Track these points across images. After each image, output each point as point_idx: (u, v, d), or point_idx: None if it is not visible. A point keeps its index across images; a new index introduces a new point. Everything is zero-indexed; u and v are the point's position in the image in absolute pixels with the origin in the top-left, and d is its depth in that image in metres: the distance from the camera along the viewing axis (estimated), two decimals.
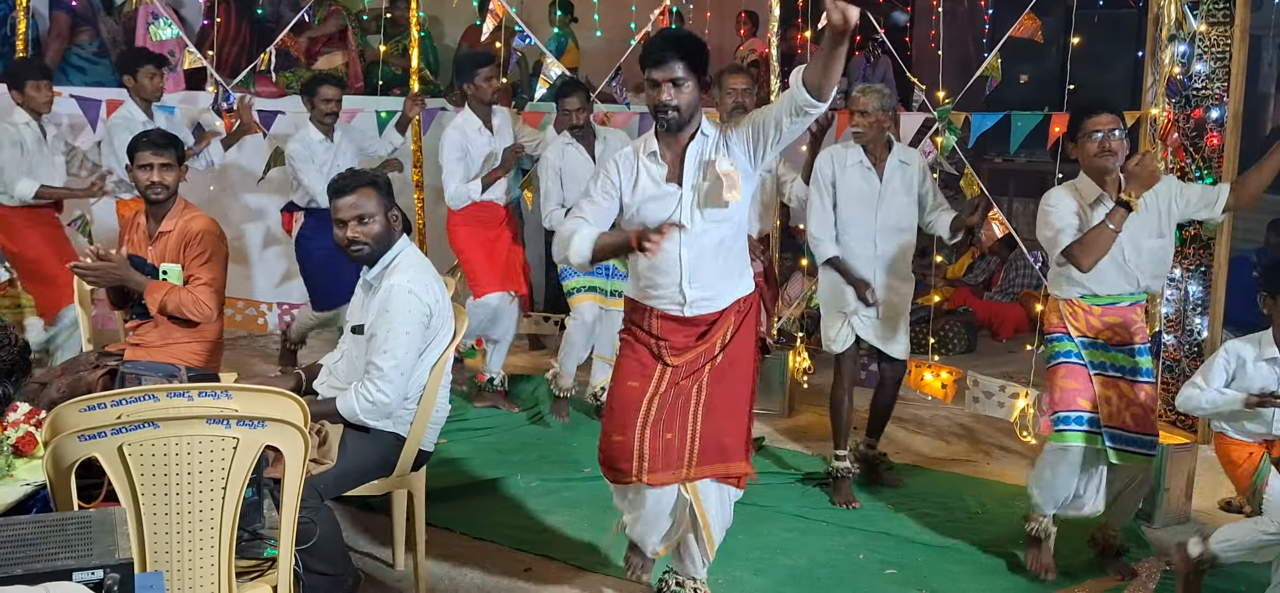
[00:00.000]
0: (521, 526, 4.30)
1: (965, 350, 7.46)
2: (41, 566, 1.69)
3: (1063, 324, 3.84)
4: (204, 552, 2.51)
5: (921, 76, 5.95)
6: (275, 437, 2.54)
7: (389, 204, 3.40)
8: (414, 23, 6.39)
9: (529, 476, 4.80)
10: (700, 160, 3.21)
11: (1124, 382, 3.78)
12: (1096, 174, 3.73)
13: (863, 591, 3.86)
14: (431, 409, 3.46)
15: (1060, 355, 3.86)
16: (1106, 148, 3.67)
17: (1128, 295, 3.80)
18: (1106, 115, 3.69)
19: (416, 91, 6.20)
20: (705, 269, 3.26)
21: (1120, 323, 3.79)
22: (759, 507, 4.48)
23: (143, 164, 3.92)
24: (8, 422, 2.76)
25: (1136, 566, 4.06)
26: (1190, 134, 4.64)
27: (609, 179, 3.28)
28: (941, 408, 5.93)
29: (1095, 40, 6.72)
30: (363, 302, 3.45)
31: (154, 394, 2.55)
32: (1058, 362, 3.87)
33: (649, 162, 3.25)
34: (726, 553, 3.63)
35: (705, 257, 3.25)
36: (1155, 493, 4.51)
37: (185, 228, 3.95)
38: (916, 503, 4.64)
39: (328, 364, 3.62)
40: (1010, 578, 3.97)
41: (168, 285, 3.86)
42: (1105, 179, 3.73)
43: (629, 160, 3.28)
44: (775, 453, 5.24)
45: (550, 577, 3.89)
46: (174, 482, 2.44)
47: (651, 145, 3.25)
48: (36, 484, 2.57)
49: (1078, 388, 3.79)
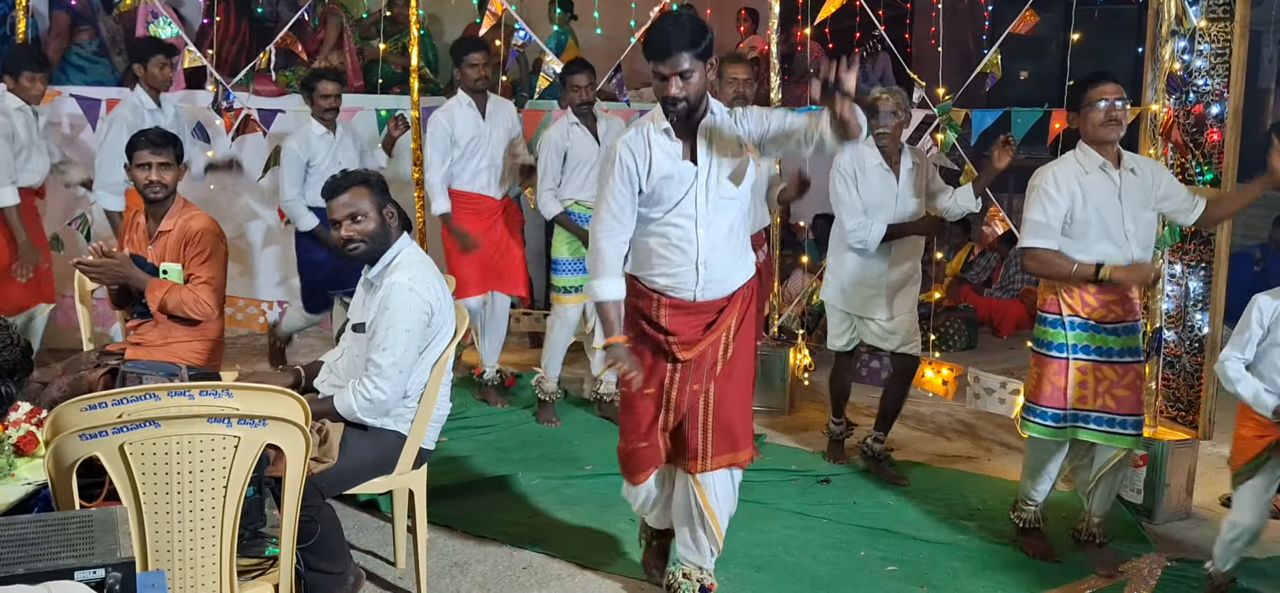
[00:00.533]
0: (522, 523, 4.30)
1: (966, 347, 7.47)
2: (43, 565, 1.69)
3: (1057, 303, 3.85)
4: (205, 550, 2.51)
5: (921, 73, 5.94)
6: (276, 435, 2.55)
7: (383, 201, 3.39)
8: (413, 21, 6.38)
9: (530, 473, 4.80)
10: (710, 136, 3.21)
11: (1110, 365, 3.80)
12: (1098, 144, 3.77)
13: (864, 588, 3.86)
14: (432, 407, 3.46)
15: (1046, 346, 3.88)
16: (1111, 117, 3.72)
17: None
18: (1111, 85, 3.75)
19: (404, 113, 6.05)
20: (718, 252, 3.26)
21: (1115, 298, 3.80)
22: (760, 504, 4.48)
23: (141, 163, 3.91)
24: (9, 421, 2.76)
25: (1137, 562, 4.06)
26: (1190, 130, 4.63)
27: (624, 167, 3.18)
28: (942, 405, 5.93)
29: (1095, 36, 6.72)
30: (364, 300, 3.45)
31: (155, 393, 2.55)
32: (1040, 353, 3.91)
33: (662, 138, 3.20)
34: (728, 551, 3.63)
35: (718, 239, 3.25)
36: (1156, 489, 4.51)
37: (185, 227, 3.94)
38: (917, 500, 4.65)
39: (328, 362, 3.61)
40: (1011, 575, 3.97)
41: (168, 284, 3.86)
42: (1106, 149, 3.77)
43: (640, 142, 3.19)
44: (776, 451, 5.24)
45: (551, 575, 3.89)
46: (175, 480, 2.44)
47: (662, 122, 3.20)
48: (38, 483, 2.57)
49: (1054, 386, 3.83)
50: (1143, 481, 4.54)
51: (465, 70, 5.46)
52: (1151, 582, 3.90)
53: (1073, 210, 3.77)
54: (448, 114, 5.46)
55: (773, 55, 6.14)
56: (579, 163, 5.35)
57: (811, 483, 4.81)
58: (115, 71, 7.32)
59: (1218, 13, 4.54)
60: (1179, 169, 4.68)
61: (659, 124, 3.20)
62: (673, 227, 3.23)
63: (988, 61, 5.43)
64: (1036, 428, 3.91)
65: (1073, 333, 3.81)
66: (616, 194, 3.21)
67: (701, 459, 3.37)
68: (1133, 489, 4.57)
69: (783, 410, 5.85)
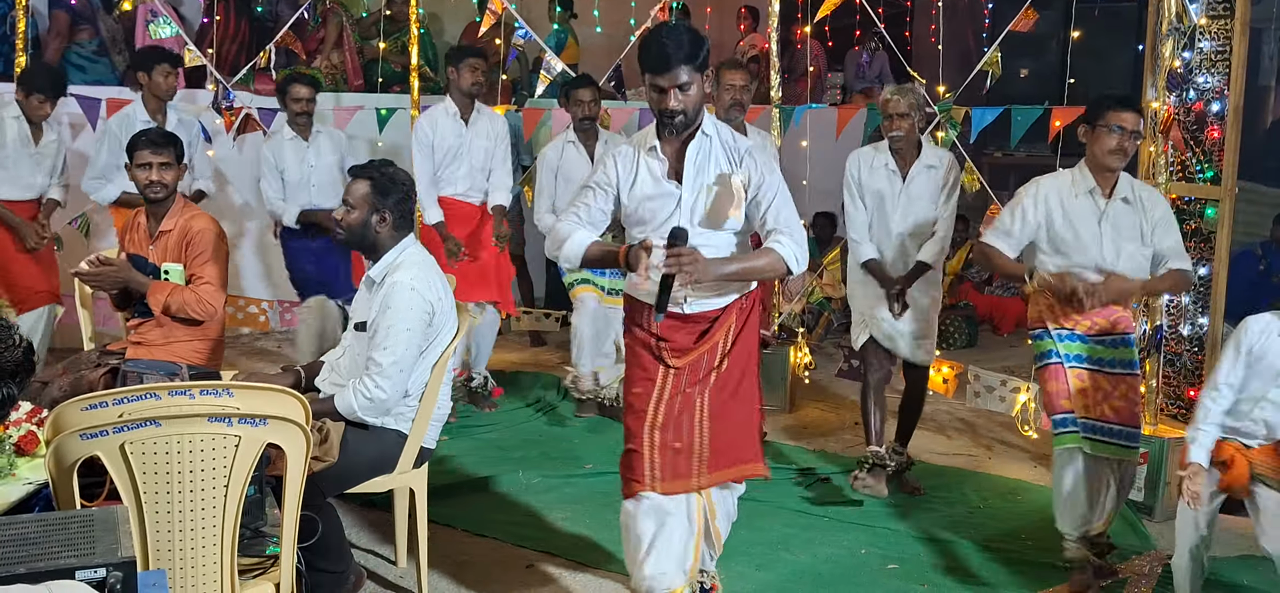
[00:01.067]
0: (523, 523, 4.30)
1: (966, 345, 7.47)
2: (44, 564, 1.69)
3: (1042, 319, 3.83)
4: (206, 550, 2.51)
5: (921, 71, 5.95)
6: (277, 434, 2.55)
7: (381, 202, 3.36)
8: (413, 20, 6.39)
9: (531, 473, 4.80)
10: (699, 160, 3.14)
11: (1104, 375, 3.75)
12: (1099, 168, 3.72)
13: (865, 586, 3.86)
14: (433, 406, 3.46)
15: (1042, 356, 3.85)
16: (1121, 147, 3.66)
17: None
18: (1131, 114, 3.65)
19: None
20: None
21: (1099, 312, 3.77)
22: (761, 502, 4.48)
23: (141, 163, 3.92)
24: (10, 420, 2.76)
25: (1137, 560, 4.06)
26: (1190, 127, 4.64)
27: (606, 175, 3.21)
28: (943, 403, 5.93)
29: (1095, 34, 6.71)
30: (366, 298, 3.45)
31: (156, 393, 2.55)
32: (1040, 366, 3.87)
33: (649, 158, 3.17)
34: (729, 549, 3.63)
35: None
36: (1155, 487, 4.51)
37: (186, 227, 3.95)
38: (918, 498, 4.65)
39: (330, 361, 3.62)
40: (1012, 573, 3.97)
41: (170, 285, 3.86)
42: (1103, 175, 3.72)
43: (628, 157, 3.20)
44: (777, 449, 5.24)
45: (552, 574, 3.89)
46: (176, 480, 2.44)
47: (651, 141, 3.17)
48: (39, 483, 2.58)
49: (1059, 389, 3.77)
50: (1143, 479, 4.54)
51: (462, 72, 5.40)
52: (1152, 580, 3.90)
53: (1049, 225, 3.76)
54: (430, 120, 5.42)
55: (773, 53, 6.15)
56: (568, 182, 5.31)
57: (812, 481, 4.80)
58: (115, 71, 7.32)
59: (1218, 10, 4.54)
60: (1179, 167, 4.69)
61: (647, 143, 3.17)
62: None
63: (988, 59, 5.43)
64: (1070, 439, 3.72)
65: (1064, 343, 3.78)
66: (589, 199, 3.21)
67: (698, 475, 3.26)
68: (1133, 487, 4.57)
69: (783, 409, 5.85)
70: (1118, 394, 3.75)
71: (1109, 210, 3.72)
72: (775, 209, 3.14)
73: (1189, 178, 4.69)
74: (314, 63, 7.82)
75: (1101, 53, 7.53)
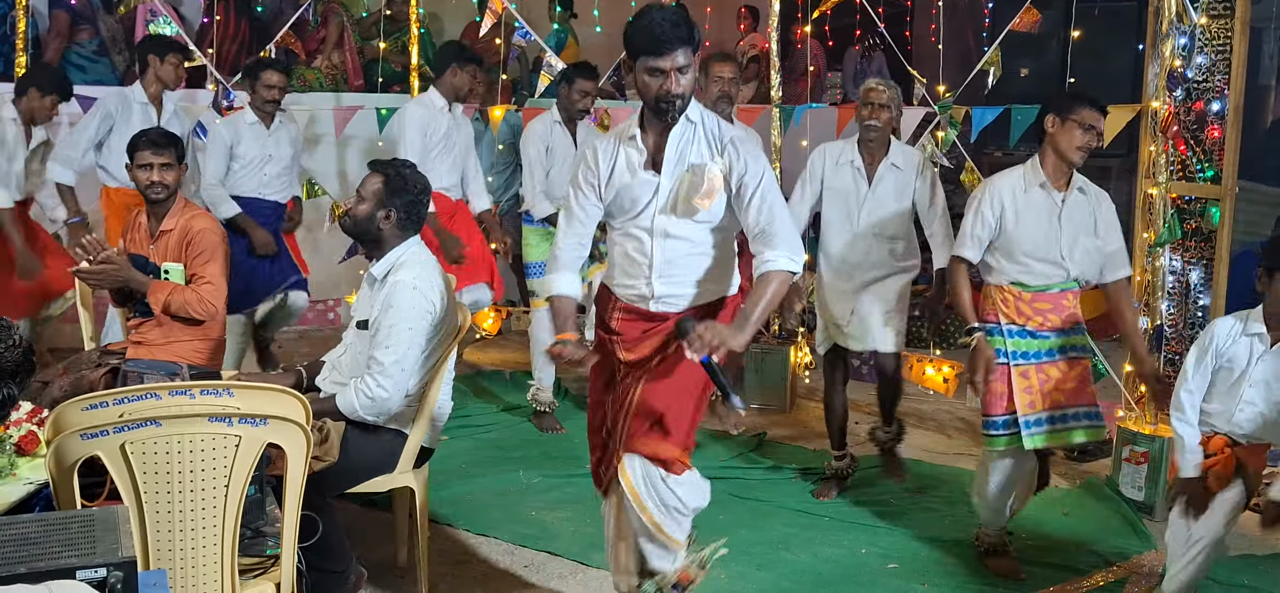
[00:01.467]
0: (523, 522, 4.30)
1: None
2: (45, 564, 1.69)
3: (994, 313, 3.83)
4: (207, 549, 2.51)
5: (922, 70, 5.95)
6: (277, 434, 2.55)
7: (391, 200, 3.37)
8: (414, 19, 6.39)
9: (531, 472, 4.80)
10: (681, 147, 3.05)
11: (1052, 364, 3.76)
12: (1059, 160, 3.72)
13: (865, 586, 3.87)
14: (433, 406, 3.46)
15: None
16: (1087, 145, 3.67)
17: (1058, 284, 3.78)
18: (1100, 115, 3.68)
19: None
20: (678, 268, 3.09)
21: (1051, 308, 3.78)
22: (761, 502, 4.48)
23: (142, 163, 3.92)
24: (10, 420, 2.76)
25: (1137, 559, 4.06)
26: (1191, 126, 4.64)
27: (589, 168, 3.14)
28: (943, 402, 5.93)
29: (1095, 33, 6.70)
30: (368, 297, 3.45)
31: (156, 393, 2.55)
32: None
33: (628, 147, 3.09)
34: (729, 549, 3.61)
35: (679, 256, 3.08)
36: (1155, 485, 4.51)
37: (186, 227, 3.95)
38: (918, 498, 4.65)
39: (331, 360, 3.62)
40: None
41: (171, 285, 3.86)
42: (1060, 169, 3.73)
43: (608, 147, 3.13)
44: (776, 449, 5.24)
45: (552, 573, 3.89)
46: (176, 480, 2.44)
47: (632, 129, 3.09)
48: (39, 483, 2.58)
49: (1000, 392, 3.77)
50: (1143, 477, 4.54)
51: (459, 73, 5.34)
52: (1152, 579, 3.90)
53: (1002, 224, 3.77)
54: (425, 107, 5.31)
55: (773, 52, 6.15)
56: (563, 162, 5.25)
57: (812, 480, 4.80)
58: (115, 71, 7.32)
59: (1218, 9, 4.54)
60: (1180, 166, 4.69)
61: (628, 131, 3.10)
62: (631, 237, 3.12)
63: (988, 59, 5.43)
64: (997, 442, 3.79)
65: (1011, 340, 3.77)
66: (577, 193, 3.18)
67: (620, 444, 3.10)
68: (1133, 486, 4.58)
69: (783, 409, 5.85)
70: (1071, 378, 3.77)
71: (1065, 205, 3.73)
72: (760, 199, 3.03)
73: (1189, 177, 4.69)
74: (314, 63, 7.83)
75: (1101, 52, 7.52)
